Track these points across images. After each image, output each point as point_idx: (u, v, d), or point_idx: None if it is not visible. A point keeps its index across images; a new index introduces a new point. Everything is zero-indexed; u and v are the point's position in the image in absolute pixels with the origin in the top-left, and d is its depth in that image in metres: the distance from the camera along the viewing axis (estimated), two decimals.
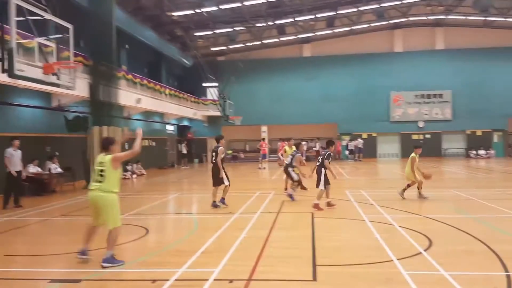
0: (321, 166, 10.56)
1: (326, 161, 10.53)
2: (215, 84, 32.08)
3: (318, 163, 10.73)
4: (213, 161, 11.22)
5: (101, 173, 6.20)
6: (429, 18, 33.36)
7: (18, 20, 11.33)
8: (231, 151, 36.53)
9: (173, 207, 12.57)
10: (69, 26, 13.75)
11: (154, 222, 9.80)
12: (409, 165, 11.83)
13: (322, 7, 29.52)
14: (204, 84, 33.32)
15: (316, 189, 10.68)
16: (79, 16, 17.40)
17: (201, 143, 36.41)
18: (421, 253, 6.41)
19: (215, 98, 32.12)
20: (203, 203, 13.09)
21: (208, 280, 5.38)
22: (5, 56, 11.06)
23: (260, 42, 33.65)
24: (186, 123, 35.17)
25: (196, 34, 30.70)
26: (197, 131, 35.92)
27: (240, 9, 27.76)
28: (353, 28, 33.65)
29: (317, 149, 31.85)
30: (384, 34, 35.87)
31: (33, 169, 15.15)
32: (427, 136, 34.96)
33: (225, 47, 34.42)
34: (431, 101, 35.04)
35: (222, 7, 25.98)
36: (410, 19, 33.21)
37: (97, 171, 6.26)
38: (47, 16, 12.97)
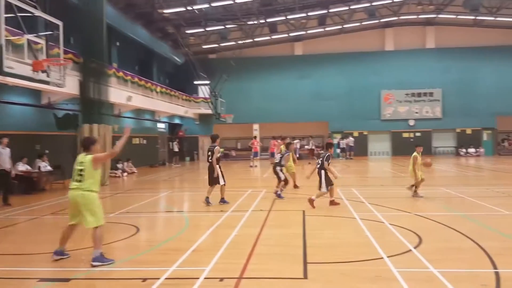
0: (321, 168, 10.57)
1: (326, 163, 10.53)
2: (207, 82, 31.97)
3: (318, 165, 10.75)
4: (209, 160, 11.25)
5: (81, 172, 6.20)
6: (420, 17, 33.59)
7: (7, 16, 11.23)
8: (222, 149, 36.37)
9: (164, 205, 12.53)
10: (59, 23, 13.64)
11: (144, 220, 9.76)
12: (411, 164, 11.80)
13: (313, 5, 29.58)
14: (196, 82, 33.21)
15: (314, 188, 10.72)
16: (69, 12, 17.25)
17: (193, 141, 36.34)
18: (411, 250, 6.45)
19: (207, 96, 32.03)
20: (194, 201, 13.09)
21: (198, 278, 5.37)
22: None
23: (251, 40, 33.60)
24: (177, 121, 35.05)
25: (188, 32, 30.58)
26: (189, 129, 35.82)
27: (231, 7, 27.73)
28: (345, 26, 33.76)
29: (310, 148, 31.89)
30: (375, 33, 36.02)
31: (22, 167, 14.99)
32: (418, 135, 35.22)
33: (216, 45, 34.33)
34: (421, 99, 35.29)
35: (213, 4, 25.92)
36: (401, 18, 33.39)
37: (76, 170, 6.25)
38: (37, 13, 12.86)
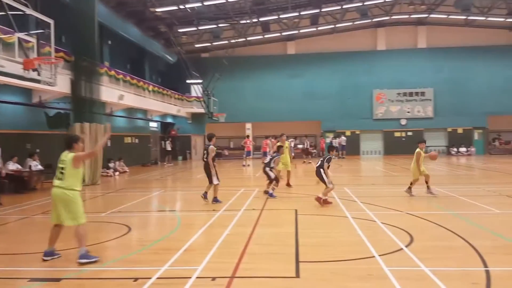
0: (320, 167, 10.59)
1: (326, 164, 10.54)
2: (199, 81, 31.91)
3: (318, 164, 10.79)
4: (205, 159, 11.30)
5: (62, 170, 6.22)
6: (411, 16, 33.78)
7: None
8: (215, 148, 36.40)
9: (156, 204, 12.48)
10: (50, 21, 13.54)
11: (136, 219, 9.71)
12: (414, 160, 11.75)
13: (306, 4, 29.64)
14: (188, 81, 33.14)
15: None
16: (60, 11, 17.14)
17: (185, 140, 36.26)
18: (402, 249, 6.48)
19: (199, 95, 31.97)
20: (187, 200, 13.07)
21: (190, 277, 5.35)
22: None
23: (244, 39, 33.60)
24: (170, 120, 34.94)
25: (180, 31, 30.47)
26: (181, 128, 35.73)
27: (224, 6, 27.68)
28: (337, 26, 33.86)
29: (306, 147, 31.93)
30: (367, 33, 36.16)
31: (13, 166, 14.87)
32: (409, 134, 35.42)
33: (209, 44, 34.25)
34: (413, 99, 35.50)
35: (206, 3, 25.87)
36: (393, 17, 33.54)
37: (58, 168, 6.27)
38: (28, 11, 12.76)
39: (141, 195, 13.65)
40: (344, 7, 29.78)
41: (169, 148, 30.38)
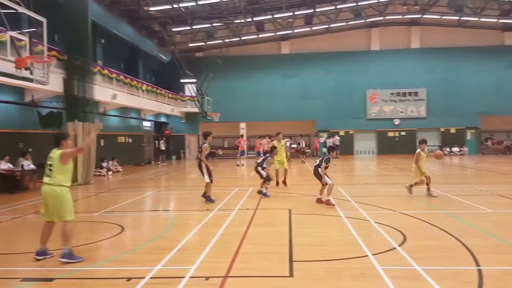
0: (318, 166, 10.58)
1: (324, 164, 10.50)
2: (193, 80, 31.85)
3: (316, 163, 10.78)
4: (199, 157, 11.36)
5: (50, 167, 6.23)
6: (405, 17, 33.92)
7: None
8: (209, 147, 36.38)
9: (149, 204, 12.43)
10: (43, 20, 13.45)
11: (130, 219, 9.67)
12: (414, 161, 11.68)
13: (300, 4, 29.67)
14: (182, 80, 33.08)
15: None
16: (53, 9, 17.05)
17: (179, 140, 36.19)
18: (395, 248, 6.50)
19: (193, 94, 31.90)
20: (181, 200, 13.04)
21: (184, 277, 5.34)
22: None
23: (238, 39, 33.58)
24: (163, 119, 34.86)
25: (174, 30, 30.42)
26: (175, 127, 35.65)
27: (218, 5, 27.64)
28: (331, 26, 33.93)
29: (302, 147, 31.98)
30: (361, 33, 36.28)
31: (4, 165, 14.76)
32: (403, 134, 35.64)
33: (203, 43, 34.21)
34: (406, 99, 35.67)
35: (200, 2, 25.81)
36: (387, 18, 33.67)
37: (47, 165, 6.28)
38: (20, 9, 12.67)
39: (134, 195, 13.60)
40: (338, 7, 29.85)
41: (163, 147, 30.30)
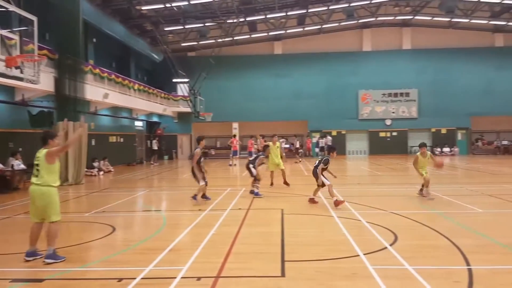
0: (316, 167, 10.53)
1: (322, 165, 10.46)
2: (186, 80, 31.77)
3: (315, 164, 10.75)
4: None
5: (37, 167, 6.22)
6: (397, 18, 34.10)
7: None
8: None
9: (141, 204, 12.37)
10: (34, 18, 13.35)
11: (121, 219, 9.62)
12: (413, 164, 11.76)
13: (292, 5, 29.71)
14: (175, 80, 32.96)
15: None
16: (44, 8, 16.92)
17: (171, 140, 36.07)
18: (387, 248, 6.54)
19: (186, 94, 31.82)
20: (173, 200, 13.00)
21: (175, 278, 5.33)
22: None
23: (231, 39, 33.56)
24: (155, 119, 34.70)
25: (166, 29, 30.32)
26: (167, 127, 35.52)
27: (211, 5, 27.59)
28: (324, 26, 34.02)
29: (296, 147, 32.03)
30: (353, 34, 36.43)
31: None
32: (394, 134, 35.82)
33: (195, 43, 34.14)
34: (398, 99, 35.87)
35: (192, 2, 25.74)
36: (379, 19, 33.85)
37: (34, 165, 6.27)
38: (11, 8, 12.56)
39: (126, 195, 13.53)
40: (330, 8, 29.93)
41: (155, 147, 30.19)
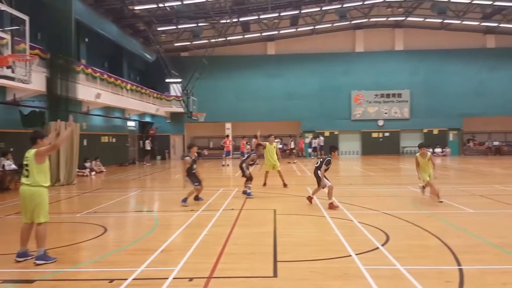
0: (318, 168, 10.48)
1: (324, 167, 10.41)
2: (179, 80, 31.69)
3: (317, 164, 10.71)
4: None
5: (27, 168, 6.19)
6: (389, 19, 34.28)
7: None
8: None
9: (133, 204, 12.32)
10: (25, 18, 13.25)
11: (113, 220, 9.57)
12: (415, 166, 11.69)
13: (286, 5, 29.75)
14: (167, 80, 32.86)
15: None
16: (36, 7, 16.81)
17: (164, 140, 35.97)
18: (378, 248, 6.57)
19: (179, 94, 31.74)
20: (165, 200, 12.96)
21: (167, 278, 5.31)
22: None
23: (224, 39, 33.53)
24: (148, 119, 34.58)
25: (159, 29, 30.22)
26: (160, 127, 35.41)
27: (204, 5, 27.56)
28: (316, 27, 34.10)
29: (291, 147, 32.06)
30: (346, 34, 36.56)
31: None
32: (386, 135, 36.00)
33: (188, 43, 34.07)
34: (390, 100, 36.04)
35: (185, 2, 25.69)
36: (371, 20, 34.00)
37: (24, 166, 6.26)
38: (2, 7, 12.47)
39: (118, 195, 13.47)
40: (323, 8, 30.03)
41: (148, 147, 30.09)
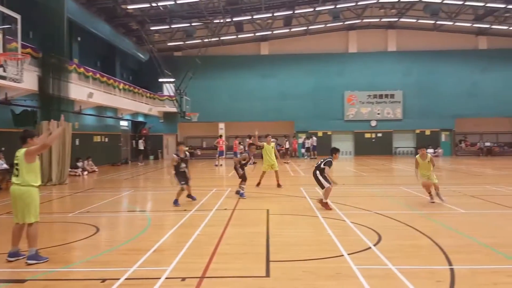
0: (317, 169, 10.30)
1: (327, 168, 10.21)
2: (172, 79, 31.61)
3: (317, 165, 10.52)
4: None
5: (17, 167, 6.17)
6: (382, 20, 34.45)
7: None
8: (187, 148, 36.23)
9: (125, 204, 12.28)
10: (17, 16, 13.17)
11: (105, 220, 9.53)
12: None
13: (279, 6, 29.79)
14: (160, 80, 32.78)
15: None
16: (28, 6, 16.70)
17: (157, 140, 35.86)
18: (371, 248, 6.61)
19: (172, 94, 31.67)
20: (158, 200, 12.93)
21: (160, 278, 5.30)
22: None
23: (217, 39, 33.51)
24: (141, 118, 34.46)
25: (152, 28, 30.14)
26: (153, 127, 35.30)
27: (197, 5, 27.53)
28: (310, 28, 34.18)
29: (287, 148, 32.10)
30: (339, 35, 36.69)
31: None
32: (379, 135, 36.17)
33: (182, 42, 34.01)
34: (383, 101, 36.21)
35: (179, 1, 25.64)
36: (364, 21, 34.14)
37: (14, 165, 6.23)
38: None
39: (110, 195, 13.42)
40: (317, 9, 30.11)
41: (141, 147, 29.98)
